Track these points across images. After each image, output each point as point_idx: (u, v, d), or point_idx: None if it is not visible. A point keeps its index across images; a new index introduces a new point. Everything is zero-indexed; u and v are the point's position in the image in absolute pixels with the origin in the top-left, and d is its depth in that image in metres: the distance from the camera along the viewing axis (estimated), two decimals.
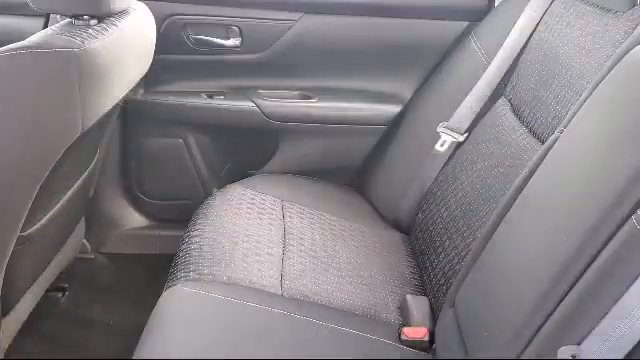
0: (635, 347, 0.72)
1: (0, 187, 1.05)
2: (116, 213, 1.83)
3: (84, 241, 1.75)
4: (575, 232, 0.82)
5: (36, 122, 1.05)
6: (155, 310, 1.14)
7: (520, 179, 1.06)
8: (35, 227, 1.19)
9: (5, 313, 1.22)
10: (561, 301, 0.81)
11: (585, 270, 0.79)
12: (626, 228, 0.76)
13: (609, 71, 0.96)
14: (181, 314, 1.12)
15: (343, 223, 1.52)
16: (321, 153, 1.79)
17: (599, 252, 0.78)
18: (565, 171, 0.95)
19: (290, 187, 1.64)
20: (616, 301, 0.74)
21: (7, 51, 1.00)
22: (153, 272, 1.37)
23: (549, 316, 0.82)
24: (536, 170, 1.02)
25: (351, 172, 1.81)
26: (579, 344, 0.76)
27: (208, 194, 1.74)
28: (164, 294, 1.18)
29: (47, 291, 1.55)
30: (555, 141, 1.02)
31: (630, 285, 0.73)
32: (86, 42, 1.05)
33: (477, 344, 0.98)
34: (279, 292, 1.21)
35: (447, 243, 1.31)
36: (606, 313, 0.75)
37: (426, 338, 1.18)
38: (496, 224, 1.06)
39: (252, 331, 1.10)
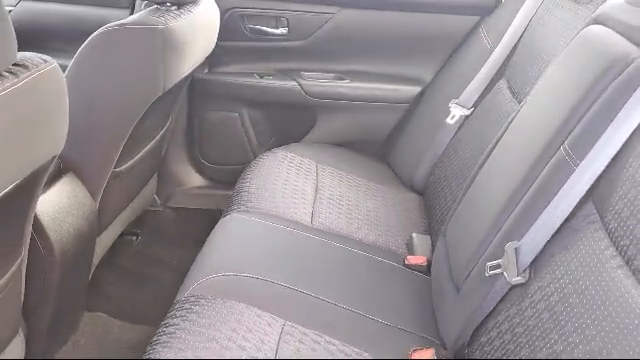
0: (551, 239, 0.99)
1: (103, 129, 1.39)
2: (182, 174, 2.12)
3: (155, 196, 2.07)
4: (525, 162, 1.11)
5: (130, 81, 1.37)
6: (213, 231, 1.46)
7: (501, 131, 1.34)
8: (124, 166, 1.52)
9: (98, 234, 1.57)
10: (511, 213, 1.10)
11: (528, 189, 1.07)
12: (557, 155, 1.04)
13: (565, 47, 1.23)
14: (233, 233, 1.44)
15: (367, 183, 1.80)
16: (352, 126, 2.06)
17: (539, 174, 1.06)
18: (526, 121, 1.23)
19: (324, 153, 1.91)
20: (545, 207, 1.02)
21: (110, 27, 1.33)
22: (211, 224, 1.54)
23: (503, 224, 1.11)
24: (511, 123, 1.31)
25: (377, 143, 2.07)
26: (519, 240, 1.05)
27: None
28: (221, 220, 1.51)
29: (123, 235, 1.88)
30: (525, 103, 1.30)
31: (554, 196, 1.01)
32: (168, 22, 1.37)
33: (455, 256, 1.27)
34: (310, 225, 1.52)
35: (448, 194, 1.59)
36: (538, 216, 1.03)
37: (425, 264, 1.45)
38: (481, 166, 1.35)
39: (285, 247, 1.41)
